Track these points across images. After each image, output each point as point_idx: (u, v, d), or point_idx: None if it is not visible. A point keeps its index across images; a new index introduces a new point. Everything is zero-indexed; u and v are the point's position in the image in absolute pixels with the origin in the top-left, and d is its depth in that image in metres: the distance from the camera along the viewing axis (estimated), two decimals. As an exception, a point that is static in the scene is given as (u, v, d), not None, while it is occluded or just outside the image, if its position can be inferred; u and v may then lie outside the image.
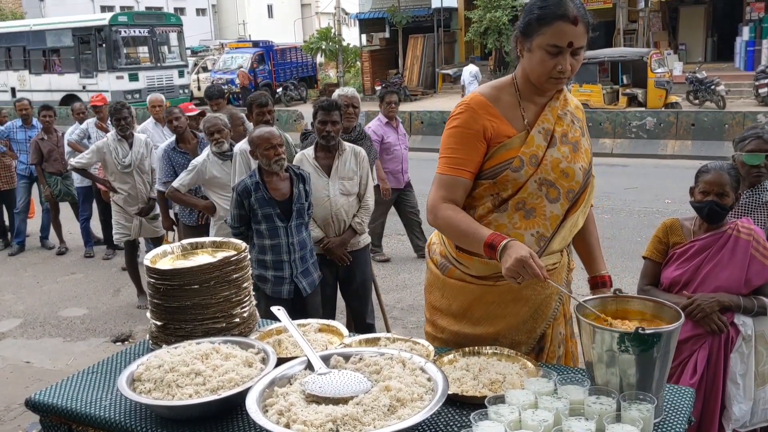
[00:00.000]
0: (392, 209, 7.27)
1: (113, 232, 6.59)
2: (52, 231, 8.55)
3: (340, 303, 4.67)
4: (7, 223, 8.85)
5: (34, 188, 8.64)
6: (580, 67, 2.19)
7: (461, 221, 2.18)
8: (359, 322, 4.58)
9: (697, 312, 2.85)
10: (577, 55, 2.15)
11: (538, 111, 2.28)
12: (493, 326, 2.33)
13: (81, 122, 7.98)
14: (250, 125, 5.40)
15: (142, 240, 6.75)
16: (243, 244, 2.50)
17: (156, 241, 6.36)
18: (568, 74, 2.15)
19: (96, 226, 8.27)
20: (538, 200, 2.23)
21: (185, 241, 2.62)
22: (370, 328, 4.58)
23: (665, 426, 1.87)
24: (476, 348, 2.26)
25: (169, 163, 5.67)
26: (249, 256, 2.49)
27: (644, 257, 3.16)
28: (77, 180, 7.76)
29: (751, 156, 3.17)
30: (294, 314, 3.46)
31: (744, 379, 2.90)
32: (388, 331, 4.90)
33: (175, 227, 6.09)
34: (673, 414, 1.93)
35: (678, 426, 1.87)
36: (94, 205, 8.00)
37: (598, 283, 2.46)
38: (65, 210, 8.50)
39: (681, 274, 2.96)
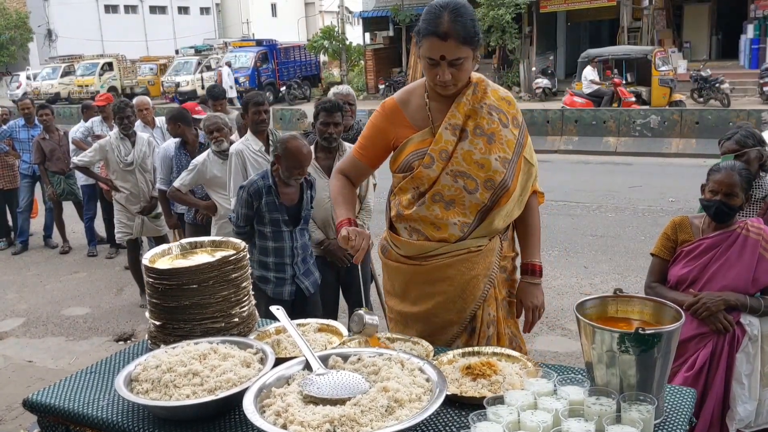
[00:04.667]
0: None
1: (115, 231, 6.60)
2: (55, 230, 8.56)
3: (342, 303, 4.65)
4: (10, 222, 8.87)
5: (37, 187, 8.66)
6: (463, 75, 2.34)
7: (339, 192, 2.58)
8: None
9: (702, 310, 2.83)
10: (455, 66, 2.30)
11: (445, 109, 2.44)
12: (426, 304, 2.50)
13: (86, 121, 7.99)
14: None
15: (145, 239, 6.76)
16: (242, 244, 2.49)
17: (158, 240, 6.36)
18: (450, 83, 2.33)
19: (99, 225, 8.28)
20: (456, 192, 2.40)
21: (184, 241, 2.61)
22: (371, 328, 4.55)
23: (666, 427, 1.85)
24: (476, 349, 2.26)
25: (176, 161, 5.67)
26: (248, 256, 2.47)
27: (652, 254, 3.14)
28: (82, 178, 7.76)
29: (723, 157, 3.23)
30: (296, 315, 3.46)
31: (749, 379, 2.88)
32: (389, 330, 4.88)
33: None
34: (674, 415, 1.91)
35: (679, 427, 1.85)
36: (99, 204, 8.00)
37: (527, 269, 2.64)
38: (68, 209, 8.50)
39: (688, 272, 2.94)
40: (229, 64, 26.27)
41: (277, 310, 2.33)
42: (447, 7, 2.25)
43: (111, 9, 47.02)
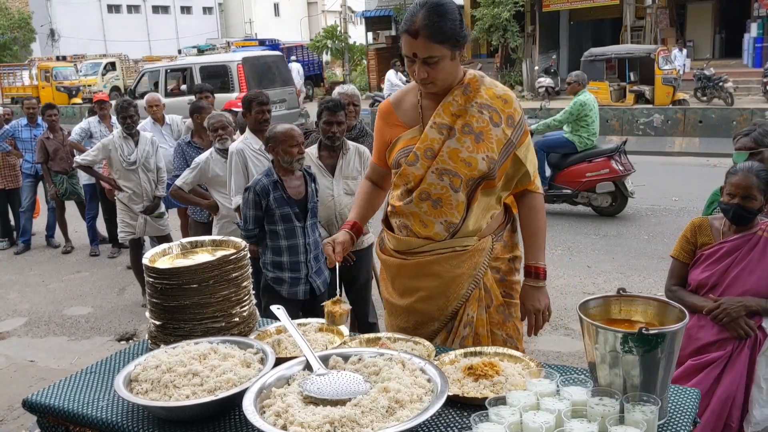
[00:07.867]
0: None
1: (118, 230, 6.59)
2: (57, 229, 8.57)
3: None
4: (12, 222, 8.87)
5: (40, 187, 8.66)
6: (439, 74, 2.33)
7: (358, 195, 2.78)
8: (362, 322, 4.56)
9: (723, 316, 2.79)
10: (429, 65, 2.31)
11: (436, 107, 2.46)
12: (409, 298, 2.54)
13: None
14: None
15: (147, 238, 6.74)
16: (243, 243, 2.48)
17: (161, 240, 6.35)
18: (428, 81, 2.35)
19: (101, 225, 8.27)
20: (442, 190, 2.41)
21: (184, 240, 2.60)
22: (373, 327, 4.55)
23: (669, 428, 1.83)
24: (478, 349, 2.23)
25: (182, 156, 5.65)
26: (248, 255, 2.46)
27: (672, 257, 3.10)
28: (84, 178, 7.75)
29: (737, 154, 3.17)
30: (308, 314, 3.47)
31: None
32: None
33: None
34: (678, 416, 1.89)
35: (683, 428, 1.83)
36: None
37: (529, 272, 2.57)
38: (71, 208, 8.50)
39: (709, 276, 2.90)
40: (297, 61, 26.31)
41: (277, 309, 2.32)
42: (425, 5, 2.28)
43: (114, 9, 47.14)
